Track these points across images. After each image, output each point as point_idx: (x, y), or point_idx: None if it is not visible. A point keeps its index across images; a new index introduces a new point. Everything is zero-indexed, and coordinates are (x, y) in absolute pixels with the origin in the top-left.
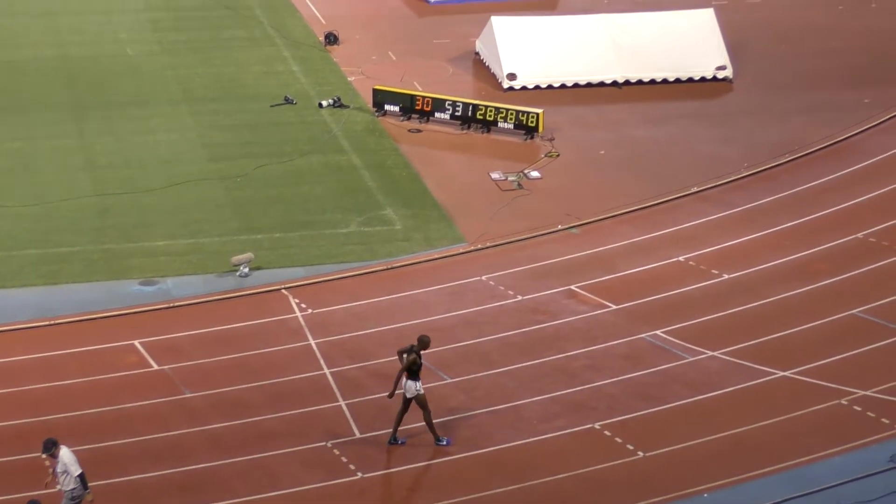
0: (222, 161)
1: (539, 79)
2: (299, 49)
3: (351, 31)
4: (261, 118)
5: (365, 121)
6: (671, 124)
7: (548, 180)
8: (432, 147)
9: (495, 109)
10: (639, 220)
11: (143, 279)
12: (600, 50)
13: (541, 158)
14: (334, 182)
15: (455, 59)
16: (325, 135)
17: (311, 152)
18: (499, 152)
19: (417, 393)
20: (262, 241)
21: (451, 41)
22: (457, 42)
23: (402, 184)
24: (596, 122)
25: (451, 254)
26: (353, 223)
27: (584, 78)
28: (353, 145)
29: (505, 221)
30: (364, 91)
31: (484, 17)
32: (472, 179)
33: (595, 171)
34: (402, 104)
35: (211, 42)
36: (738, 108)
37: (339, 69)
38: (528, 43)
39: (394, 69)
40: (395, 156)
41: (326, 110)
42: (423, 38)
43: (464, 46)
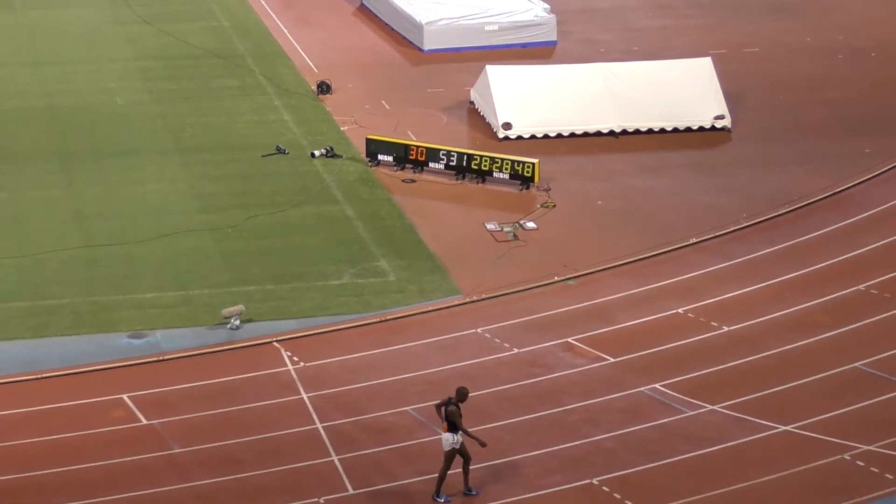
0: (213, 212)
1: (535, 128)
2: (291, 98)
3: (343, 79)
4: (252, 168)
5: (358, 171)
6: (669, 174)
7: (544, 231)
8: (427, 197)
9: (490, 159)
10: (637, 271)
11: (131, 332)
12: (597, 99)
13: (537, 209)
14: (327, 233)
15: (449, 108)
16: (318, 185)
17: (303, 203)
18: (494, 203)
19: (453, 447)
20: (253, 293)
21: (445, 90)
22: (451, 91)
23: (396, 235)
24: (593, 171)
25: (445, 306)
26: (346, 275)
27: (580, 127)
28: (346, 196)
29: (501, 273)
30: (357, 141)
31: (478, 66)
32: (468, 230)
33: (592, 222)
34: (395, 154)
35: (202, 91)
36: (736, 158)
37: (331, 118)
38: (524, 92)
39: (387, 118)
40: (388, 206)
41: (319, 160)
42: (417, 86)
43: (458, 95)
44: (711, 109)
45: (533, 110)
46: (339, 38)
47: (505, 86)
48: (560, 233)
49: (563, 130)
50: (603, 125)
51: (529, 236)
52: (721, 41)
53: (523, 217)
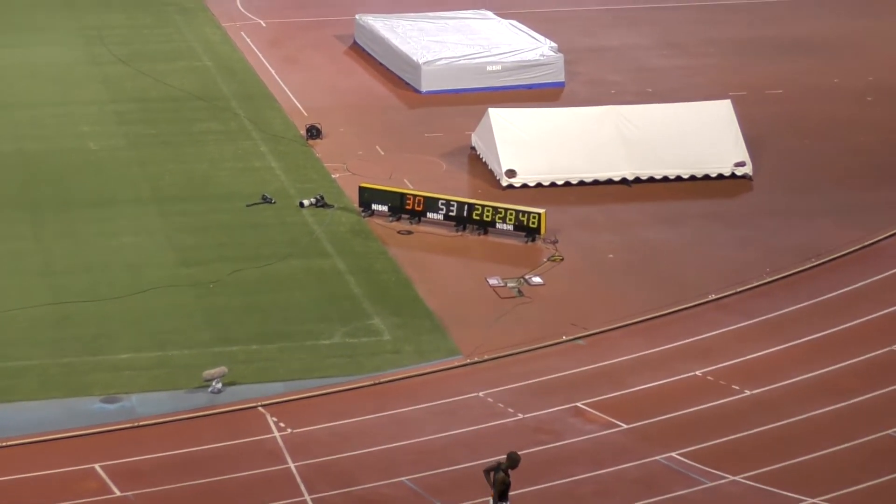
0: (193, 266)
1: (541, 176)
2: (278, 143)
3: (335, 123)
4: (236, 219)
5: (350, 221)
6: (686, 225)
7: (551, 287)
8: (424, 250)
9: (493, 209)
10: (651, 330)
11: (104, 396)
12: (608, 144)
13: (543, 263)
14: (317, 288)
15: (449, 154)
16: (307, 237)
17: (291, 256)
18: (497, 256)
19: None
20: (236, 354)
21: (444, 135)
22: (451, 136)
23: (392, 291)
24: (603, 222)
25: (444, 367)
26: (338, 334)
27: (589, 175)
28: (338, 248)
29: (504, 332)
30: (349, 189)
31: (480, 109)
32: (468, 286)
33: (603, 277)
34: (391, 203)
35: (182, 136)
36: (758, 208)
37: (321, 165)
38: (529, 137)
39: (382, 165)
40: (383, 260)
41: (308, 210)
42: (413, 131)
43: (458, 140)
44: (731, 156)
45: (539, 157)
46: (330, 79)
47: (509, 130)
48: (568, 289)
49: (572, 178)
50: (614, 173)
51: (535, 292)
52: (742, 82)
53: (528, 272)
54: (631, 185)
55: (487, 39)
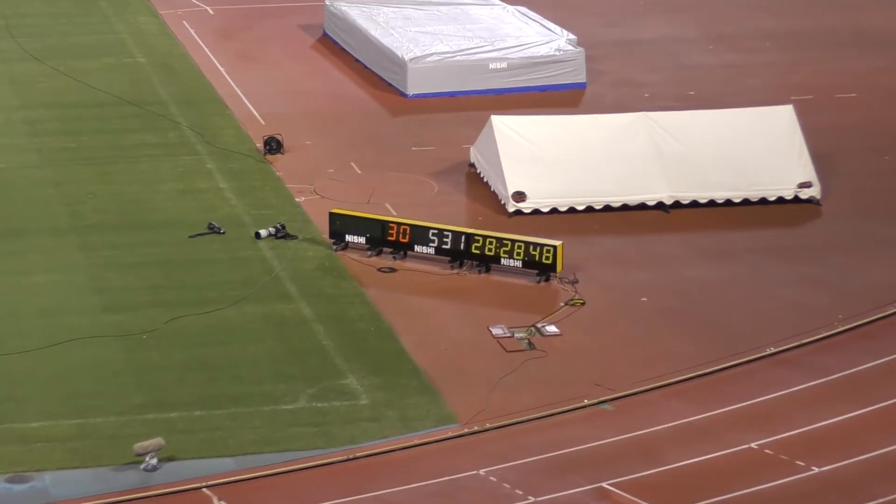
0: (122, 312)
1: (556, 200)
2: (229, 159)
3: (300, 134)
4: (176, 253)
5: (319, 256)
6: (737, 261)
7: (570, 338)
8: (411, 292)
9: (497, 241)
10: (694, 391)
11: (11, 474)
12: (640, 161)
13: (560, 308)
14: (276, 340)
15: (442, 172)
16: (265, 276)
17: (244, 300)
18: (502, 300)
19: None
20: (176, 422)
21: (436, 148)
22: (444, 150)
23: (370, 343)
24: (634, 257)
25: (436, 439)
26: (303, 397)
27: (617, 198)
28: (303, 290)
29: (511, 394)
30: (318, 216)
31: (481, 116)
32: (466, 336)
33: (634, 326)
34: (369, 234)
35: (109, 150)
36: (827, 240)
37: (283, 186)
38: (542, 151)
39: (358, 186)
40: (359, 304)
41: (266, 242)
42: (398, 143)
43: (454, 155)
44: (794, 175)
45: (554, 176)
46: (293, 80)
47: (516, 143)
48: (591, 340)
49: (595, 202)
50: (649, 196)
51: (550, 344)
52: (806, 83)
53: (542, 319)
54: (669, 212)
55: (490, 30)
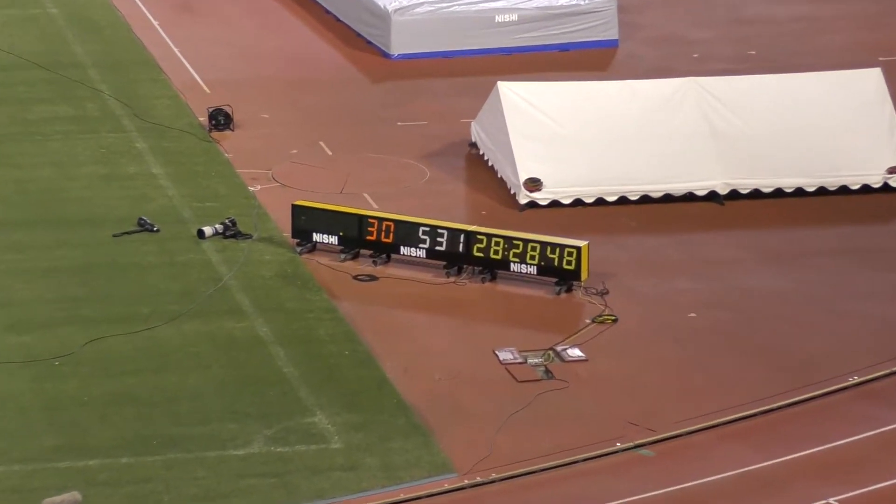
0: (29, 331)
1: (580, 188)
2: (164, 137)
3: (254, 106)
4: (97, 257)
5: (279, 260)
6: (810, 266)
7: (597, 364)
8: (396, 306)
9: (506, 241)
10: (756, 432)
11: None
12: (687, 138)
13: (585, 326)
14: (225, 367)
15: (435, 154)
16: (210, 285)
17: (184, 315)
18: (512, 315)
19: None
20: (96, 471)
21: (428, 123)
22: (438, 125)
23: (344, 370)
24: (679, 261)
25: (428, 493)
26: (258, 439)
27: (658, 186)
28: (259, 303)
29: (523, 436)
30: (277, 210)
31: (484, 83)
32: (466, 362)
33: (679, 349)
34: (343, 232)
35: (13, 125)
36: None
37: (233, 172)
38: (562, 126)
39: (329, 172)
40: (330, 321)
41: (212, 242)
42: (379, 117)
43: (450, 132)
44: (883, 157)
45: (578, 158)
46: (247, 37)
47: (530, 117)
48: (625, 367)
49: (630, 191)
50: (698, 183)
51: (572, 372)
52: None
53: (562, 340)
54: (723, 203)
55: None
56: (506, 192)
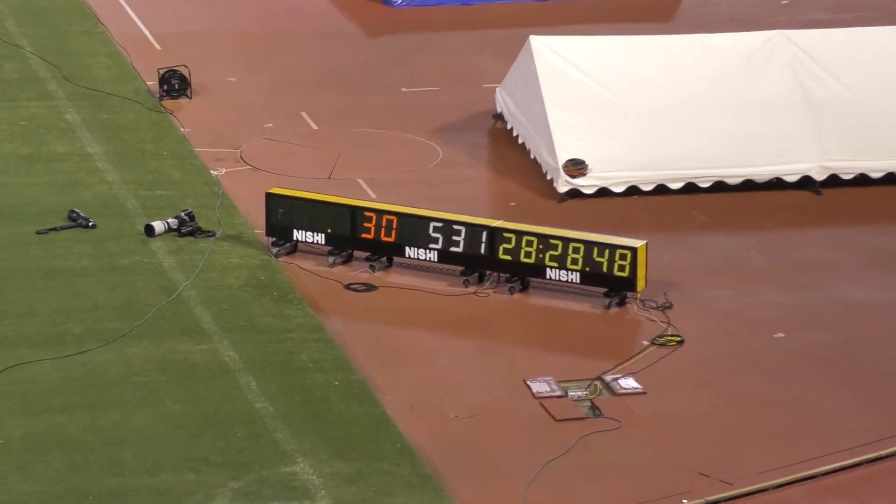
0: None
1: (636, 172)
2: (103, 107)
3: (218, 66)
4: (16, 260)
5: (249, 265)
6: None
7: (658, 398)
8: (399, 323)
9: (540, 241)
10: (862, 487)
11: None
12: (774, 108)
13: (644, 349)
14: (180, 401)
15: (450, 128)
16: (161, 296)
17: (129, 335)
18: (549, 336)
19: None
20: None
21: (441, 90)
22: (454, 91)
23: (333, 406)
24: (764, 267)
25: None
26: (223, 493)
27: (736, 170)
28: (224, 319)
29: (562, 490)
30: (248, 200)
31: (513, 37)
32: (489, 395)
33: (763, 379)
34: (331, 229)
35: None
36: None
37: (190, 151)
38: (612, 93)
39: (314, 152)
40: (315, 343)
41: (164, 241)
42: (378, 81)
43: (469, 101)
44: None
45: (632, 134)
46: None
47: (571, 81)
48: (693, 402)
49: (700, 177)
50: (787, 166)
51: (626, 409)
52: None
53: (612, 367)
54: (821, 192)
55: None
56: (540, 177)
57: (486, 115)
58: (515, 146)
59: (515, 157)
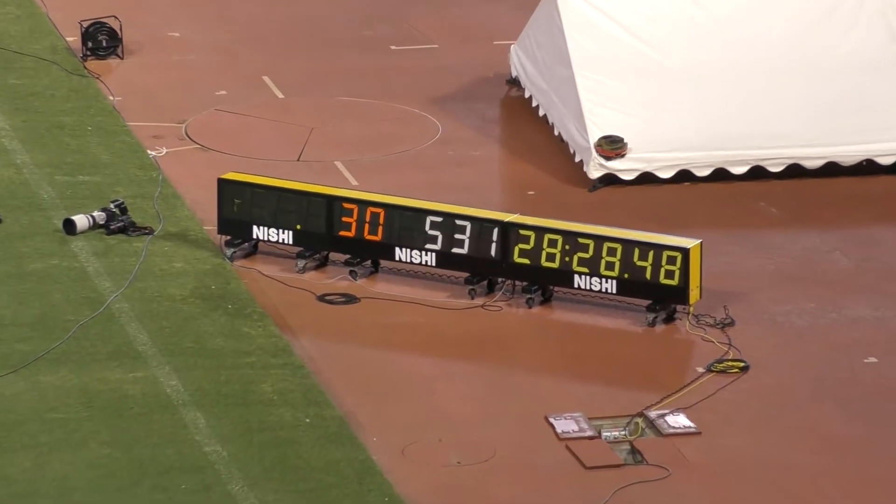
0: None
1: (687, 152)
2: (10, 69)
3: (157, 17)
4: None
5: (197, 271)
6: None
7: (717, 440)
8: (387, 345)
9: (567, 240)
10: None
11: None
12: (865, 72)
13: (698, 377)
14: (108, 444)
15: (452, 97)
16: (85, 309)
17: (44, 359)
18: (577, 361)
19: None
20: None
21: (439, 47)
22: (456, 49)
23: (302, 450)
24: (851, 273)
25: None
26: None
27: (816, 150)
28: (165, 339)
29: None
30: (194, 188)
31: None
32: (502, 435)
33: (846, 417)
34: (300, 224)
35: None
36: None
37: (121, 125)
38: (658, 53)
39: (279, 126)
40: (280, 370)
41: (88, 240)
42: (360, 36)
43: (476, 62)
44: None
45: (683, 105)
46: None
47: (606, 39)
48: (759, 444)
49: (770, 158)
50: (881, 144)
51: (675, 453)
52: None
53: (658, 401)
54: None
55: None
56: (567, 158)
57: (496, 81)
58: (535, 119)
59: (534, 133)
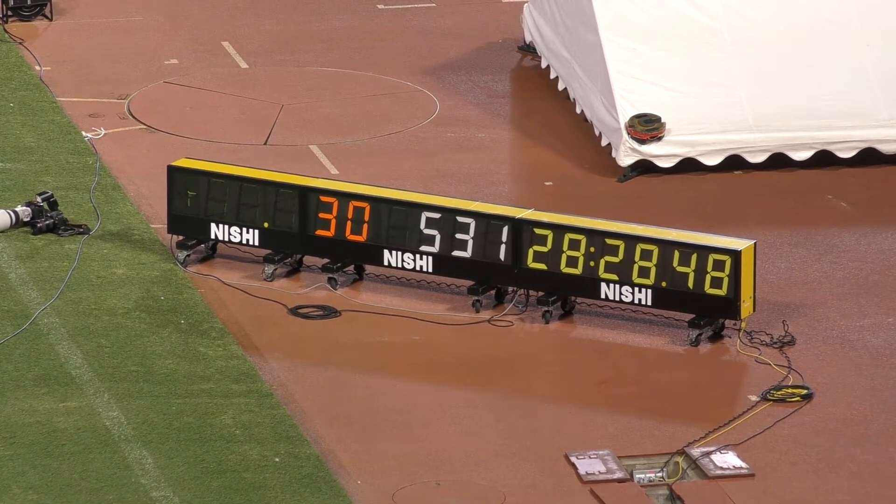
0: None
1: (736, 135)
2: None
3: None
4: None
5: (143, 278)
6: None
7: (774, 481)
8: (372, 367)
9: (592, 241)
10: None
11: None
12: None
13: (752, 407)
14: (35, 489)
15: (453, 68)
16: (8, 325)
17: None
18: (604, 387)
19: None
20: None
21: (438, 6)
22: (459, 8)
23: (272, 495)
24: None
25: None
26: None
27: (890, 135)
28: (104, 361)
29: None
30: (140, 176)
31: None
32: (514, 475)
33: None
34: (268, 221)
35: None
36: None
37: (50, 101)
38: (704, 14)
39: (241, 103)
40: (245, 398)
41: (9, 240)
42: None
43: (482, 25)
44: None
45: (731, 80)
46: None
47: (636, 8)
48: (826, 487)
49: (836, 142)
50: None
51: (723, 497)
52: None
53: (702, 436)
54: None
55: None
56: (592, 141)
57: (506, 48)
58: (553, 94)
59: (553, 110)
